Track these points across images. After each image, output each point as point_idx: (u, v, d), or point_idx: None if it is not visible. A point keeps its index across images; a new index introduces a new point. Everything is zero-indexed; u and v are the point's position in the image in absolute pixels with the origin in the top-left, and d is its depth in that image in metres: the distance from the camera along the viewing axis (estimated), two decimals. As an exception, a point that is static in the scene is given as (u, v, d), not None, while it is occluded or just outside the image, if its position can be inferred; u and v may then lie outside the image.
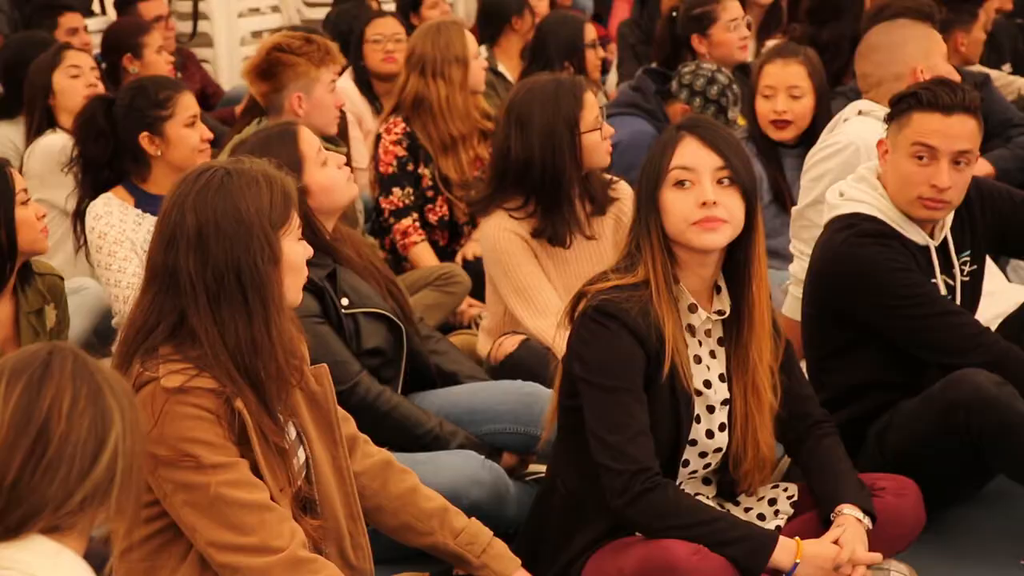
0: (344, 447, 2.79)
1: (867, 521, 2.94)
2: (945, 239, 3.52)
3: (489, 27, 6.91)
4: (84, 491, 1.86)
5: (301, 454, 2.70)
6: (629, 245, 3.00)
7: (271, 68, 4.56)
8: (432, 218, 5.25)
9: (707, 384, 3.02)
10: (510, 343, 4.11)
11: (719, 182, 2.91)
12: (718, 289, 3.02)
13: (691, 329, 3.00)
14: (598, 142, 4.07)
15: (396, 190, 5.17)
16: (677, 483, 3.01)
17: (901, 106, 3.41)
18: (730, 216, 2.90)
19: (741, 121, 5.46)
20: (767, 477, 3.10)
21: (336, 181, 3.58)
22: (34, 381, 1.89)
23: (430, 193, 5.22)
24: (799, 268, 4.27)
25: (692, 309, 2.99)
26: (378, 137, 5.26)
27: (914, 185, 3.38)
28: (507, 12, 6.83)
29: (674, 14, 5.96)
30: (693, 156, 2.92)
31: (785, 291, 4.45)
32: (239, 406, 2.51)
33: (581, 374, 2.93)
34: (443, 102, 5.15)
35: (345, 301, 3.52)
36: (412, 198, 5.20)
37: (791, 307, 4.30)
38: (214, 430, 2.50)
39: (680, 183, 2.91)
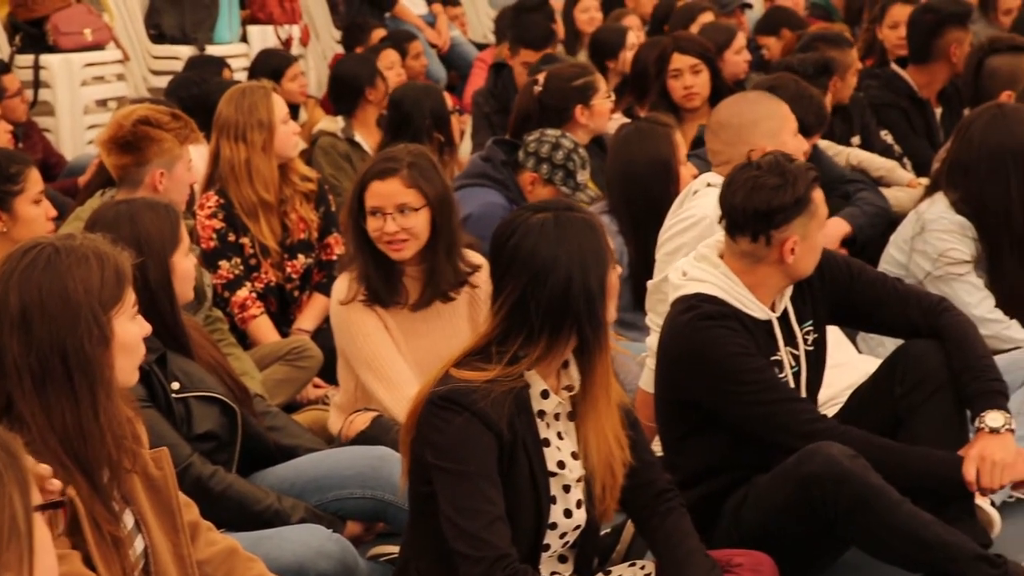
0: (186, 534, 2.69)
1: None
2: (786, 310, 3.55)
3: (344, 99, 6.89)
4: None
5: (139, 543, 2.59)
6: (503, 332, 2.91)
7: (136, 141, 4.47)
8: (258, 286, 5.17)
9: (561, 465, 2.98)
10: (362, 420, 4.04)
11: None
12: (564, 364, 2.98)
13: (541, 414, 2.96)
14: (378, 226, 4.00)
15: (223, 263, 5.08)
16: (537, 566, 2.95)
17: (801, 205, 3.42)
18: None
19: (591, 184, 5.47)
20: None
21: (192, 274, 3.63)
22: None
23: (253, 261, 5.15)
24: (655, 341, 4.25)
25: (545, 395, 2.96)
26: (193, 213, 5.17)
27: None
28: (360, 84, 6.82)
29: (536, 87, 5.96)
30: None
31: (641, 364, 4.43)
32: (71, 493, 2.40)
33: (434, 460, 2.86)
34: (243, 166, 5.07)
35: (176, 385, 3.47)
36: (241, 268, 5.12)
37: (648, 380, 4.28)
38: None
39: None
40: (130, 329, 2.52)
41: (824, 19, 9.49)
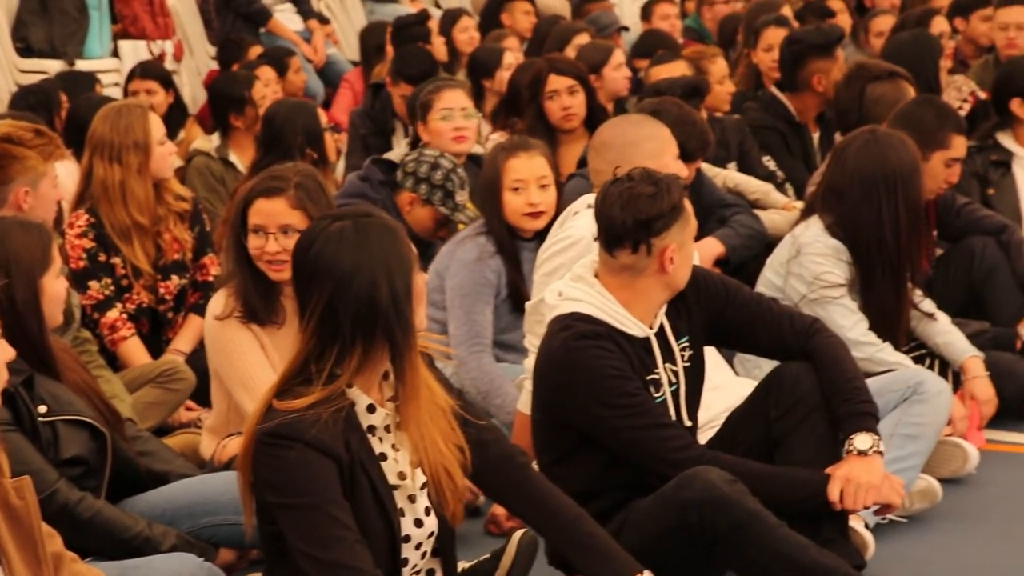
0: (49, 566, 2.63)
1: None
2: (662, 326, 3.57)
3: (215, 118, 6.82)
4: None
5: (-1, 577, 2.51)
6: (317, 347, 2.90)
7: None
8: (130, 307, 5.07)
9: (402, 476, 2.99)
10: (236, 444, 3.96)
11: None
12: (385, 375, 3.00)
13: (372, 430, 2.95)
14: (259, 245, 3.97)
15: (93, 283, 4.99)
16: None
17: (677, 211, 3.44)
18: None
19: (470, 204, 5.45)
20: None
21: (62, 296, 3.61)
22: None
23: (124, 282, 5.05)
24: (533, 363, 4.24)
25: (371, 409, 2.96)
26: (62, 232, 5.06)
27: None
28: (225, 109, 6.78)
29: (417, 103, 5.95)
30: None
31: (519, 386, 4.42)
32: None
33: (277, 500, 2.84)
34: (117, 188, 4.98)
35: (43, 408, 3.42)
36: (112, 288, 5.02)
37: (526, 402, 4.27)
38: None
39: None
40: (-10, 353, 2.45)
41: (698, 42, 9.59)
